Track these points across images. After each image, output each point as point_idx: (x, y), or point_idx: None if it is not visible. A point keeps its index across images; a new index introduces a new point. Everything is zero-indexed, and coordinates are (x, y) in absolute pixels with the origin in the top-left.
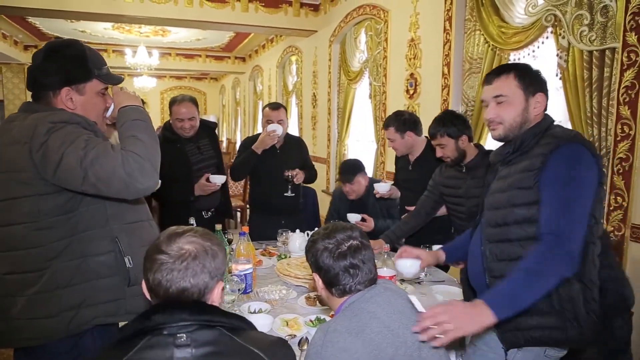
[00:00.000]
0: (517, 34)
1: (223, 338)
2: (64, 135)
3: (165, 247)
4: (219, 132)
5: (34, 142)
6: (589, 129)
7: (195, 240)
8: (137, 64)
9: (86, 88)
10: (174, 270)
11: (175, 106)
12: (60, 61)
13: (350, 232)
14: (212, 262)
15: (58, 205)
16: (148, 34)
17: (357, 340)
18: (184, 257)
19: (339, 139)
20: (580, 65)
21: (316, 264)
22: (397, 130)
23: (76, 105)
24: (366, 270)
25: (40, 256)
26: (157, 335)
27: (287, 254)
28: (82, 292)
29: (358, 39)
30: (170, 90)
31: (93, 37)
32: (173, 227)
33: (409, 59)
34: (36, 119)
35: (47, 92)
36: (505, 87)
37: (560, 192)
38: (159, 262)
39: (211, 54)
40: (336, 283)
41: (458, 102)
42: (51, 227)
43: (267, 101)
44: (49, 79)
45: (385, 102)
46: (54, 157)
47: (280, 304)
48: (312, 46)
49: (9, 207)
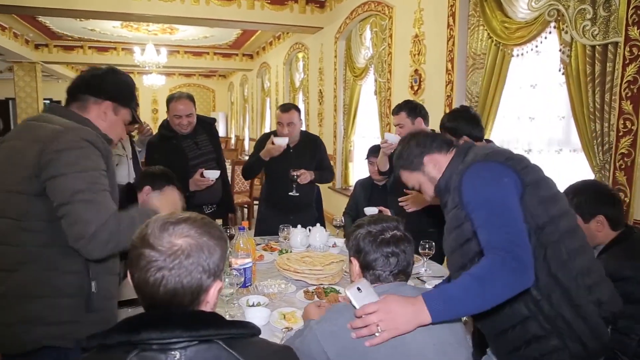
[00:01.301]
0: (520, 29)
1: (221, 355)
2: (79, 158)
3: (154, 241)
4: (227, 129)
5: (52, 146)
6: (591, 125)
7: (190, 233)
8: (145, 62)
9: (121, 112)
10: (164, 269)
11: (173, 103)
12: (118, 80)
13: (397, 224)
14: (209, 259)
15: (45, 209)
16: (156, 31)
17: (351, 329)
18: (176, 254)
19: (345, 135)
20: (583, 60)
21: (357, 247)
22: (409, 115)
23: (107, 120)
24: (403, 262)
25: (14, 256)
26: (146, 350)
27: (289, 249)
28: (42, 308)
29: (363, 36)
30: (179, 88)
31: (102, 36)
32: (167, 214)
33: (414, 55)
34: (69, 127)
35: (91, 98)
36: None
37: (483, 213)
38: (146, 259)
39: (219, 51)
40: (372, 267)
41: (462, 97)
42: (34, 230)
43: (275, 98)
44: (104, 87)
45: (390, 98)
46: (58, 169)
47: (278, 297)
48: (318, 43)
49: (7, 198)
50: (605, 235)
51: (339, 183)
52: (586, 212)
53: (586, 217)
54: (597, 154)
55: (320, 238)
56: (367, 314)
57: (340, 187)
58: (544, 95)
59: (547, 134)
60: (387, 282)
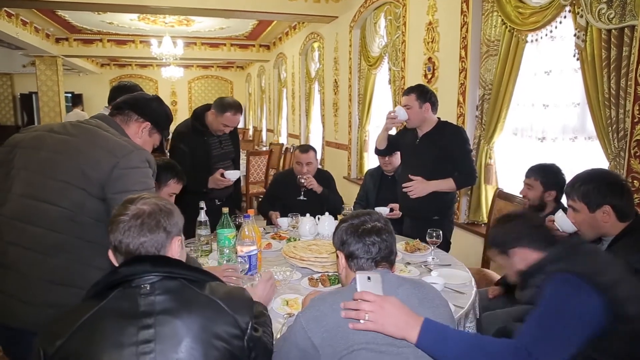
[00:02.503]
0: (534, 14)
1: (185, 288)
2: (142, 177)
3: (123, 210)
4: (245, 120)
5: (124, 163)
6: (606, 111)
7: (149, 201)
8: (162, 54)
9: (154, 136)
10: (132, 227)
11: (230, 114)
12: (160, 108)
13: (377, 216)
14: (167, 219)
15: (99, 210)
16: (173, 23)
17: (331, 313)
18: (139, 214)
19: (360, 125)
20: (598, 45)
21: (340, 239)
22: (418, 98)
23: (142, 139)
24: (385, 249)
25: (55, 241)
26: (126, 288)
27: (297, 238)
28: (70, 297)
29: (377, 24)
30: (197, 80)
31: (120, 29)
32: (129, 197)
33: (427, 43)
34: (134, 146)
35: (133, 114)
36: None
37: (546, 316)
38: (118, 222)
39: (235, 42)
40: (355, 256)
41: (475, 85)
42: (82, 223)
43: (291, 89)
44: (149, 109)
45: (404, 87)
46: (126, 186)
47: (283, 284)
48: (333, 32)
49: (62, 189)
50: (612, 227)
51: (354, 173)
52: (592, 201)
53: (592, 207)
54: (612, 141)
55: (329, 226)
56: (363, 300)
57: (356, 177)
58: (559, 81)
59: (562, 122)
60: (370, 269)
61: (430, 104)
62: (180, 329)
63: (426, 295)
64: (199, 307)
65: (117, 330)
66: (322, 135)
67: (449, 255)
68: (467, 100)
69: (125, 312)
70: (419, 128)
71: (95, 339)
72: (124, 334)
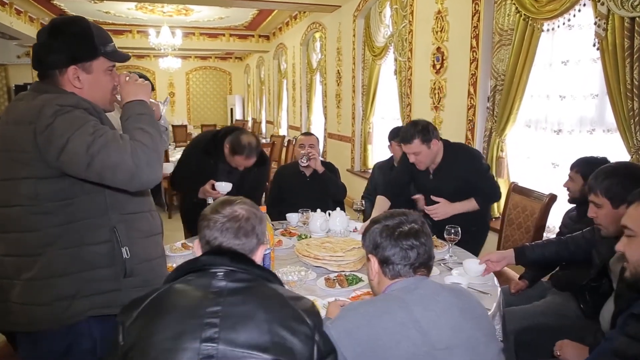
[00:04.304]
0: (551, 2)
1: (256, 281)
2: (72, 119)
3: (220, 209)
4: (244, 112)
5: (40, 124)
6: (628, 103)
7: (245, 207)
8: (160, 44)
9: (93, 66)
10: (230, 229)
11: (241, 158)
12: (65, 39)
13: (414, 217)
14: (260, 226)
15: (58, 190)
16: (171, 13)
17: (366, 325)
18: (237, 218)
19: (364, 116)
20: (620, 34)
21: (374, 242)
22: (424, 142)
23: (83, 84)
24: (424, 255)
25: (35, 241)
26: (203, 275)
27: (308, 234)
28: (77, 283)
29: (383, 13)
30: (195, 71)
31: (117, 18)
32: (225, 197)
33: (436, 32)
34: (44, 99)
35: (53, 71)
36: None
37: None
38: (215, 220)
39: (235, 32)
40: (391, 262)
41: (487, 76)
42: (49, 212)
43: (292, 80)
44: (55, 57)
45: (411, 77)
46: (59, 140)
47: (298, 285)
48: (335, 22)
49: (8, 187)
50: None
51: (357, 165)
52: (617, 197)
53: (616, 203)
54: (635, 134)
55: (340, 222)
56: None
57: (359, 170)
58: (576, 72)
59: (579, 113)
60: (407, 276)
61: (435, 137)
62: (246, 312)
63: (467, 305)
64: (267, 298)
65: (187, 303)
66: (324, 127)
67: (467, 253)
68: (479, 91)
69: (197, 289)
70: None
71: (167, 308)
72: (193, 306)
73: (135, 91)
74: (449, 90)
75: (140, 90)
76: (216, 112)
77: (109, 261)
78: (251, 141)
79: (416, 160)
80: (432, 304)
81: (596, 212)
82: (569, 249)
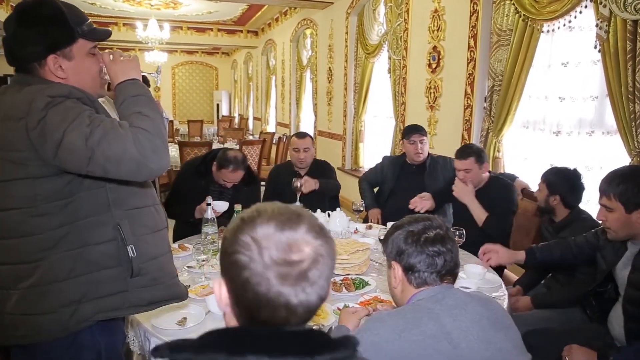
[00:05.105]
0: (552, 3)
1: None
2: (65, 111)
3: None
4: (230, 108)
5: (31, 119)
6: (630, 105)
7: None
8: (148, 38)
9: (73, 51)
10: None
11: (228, 171)
12: (37, 26)
13: (438, 222)
14: (331, 270)
15: (56, 189)
16: (159, 6)
17: (397, 339)
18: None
19: (356, 115)
20: (622, 36)
21: (397, 249)
22: (477, 161)
23: (67, 72)
24: (451, 262)
25: (36, 245)
26: None
27: None
28: (83, 285)
29: (377, 11)
30: (181, 65)
31: (103, 10)
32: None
33: (432, 31)
34: (32, 92)
35: (31, 64)
36: None
37: None
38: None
39: (223, 27)
40: (417, 269)
41: (484, 76)
42: (49, 213)
43: (281, 76)
44: (29, 49)
45: (405, 76)
46: (54, 135)
47: None
48: (327, 19)
49: (1, 190)
50: None
51: (348, 164)
52: (632, 202)
53: (630, 207)
54: (635, 137)
55: (340, 223)
56: None
57: (350, 168)
58: (576, 74)
59: (578, 115)
60: (434, 284)
61: (487, 162)
62: None
63: (496, 316)
64: None
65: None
66: (314, 125)
67: (471, 255)
68: (476, 91)
69: None
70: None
71: None
72: None
73: (124, 70)
74: (445, 89)
75: (129, 68)
76: (202, 107)
77: (115, 261)
78: (237, 155)
79: (465, 177)
80: (462, 315)
81: (606, 216)
82: (572, 251)
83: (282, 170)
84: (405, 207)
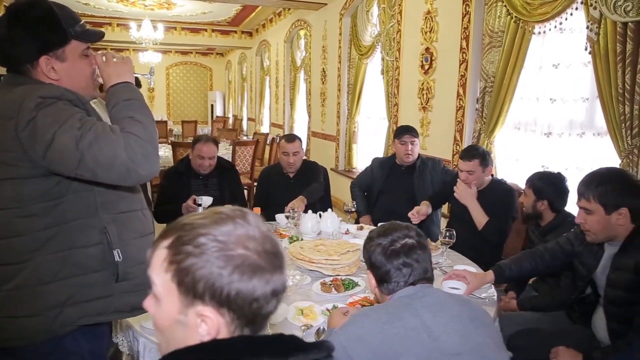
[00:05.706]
0: (543, 5)
1: None
2: (56, 113)
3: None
4: (225, 108)
5: (21, 118)
6: (620, 107)
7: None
8: (142, 38)
9: (66, 52)
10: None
11: (199, 145)
12: (28, 27)
13: (407, 231)
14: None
15: (44, 190)
16: (153, 6)
17: (379, 332)
18: None
19: (349, 115)
20: (612, 38)
21: (369, 261)
22: (481, 164)
23: (60, 74)
24: (420, 270)
25: (23, 247)
26: None
27: (299, 236)
28: (68, 288)
29: (370, 12)
30: (175, 66)
31: (97, 10)
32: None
33: (425, 33)
34: (23, 91)
35: (24, 66)
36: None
37: None
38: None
39: (217, 28)
40: (387, 280)
41: (477, 77)
42: (36, 214)
43: (275, 77)
44: (21, 50)
45: (398, 77)
46: (44, 136)
47: (294, 290)
48: (321, 20)
49: None
50: (625, 230)
51: (341, 165)
52: (610, 203)
53: (609, 209)
54: (625, 138)
55: (332, 224)
56: None
57: (344, 169)
58: (567, 75)
59: (569, 117)
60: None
61: (490, 166)
62: None
63: (476, 314)
64: None
65: None
66: (307, 126)
67: (461, 256)
68: (468, 92)
69: None
70: None
71: None
72: None
73: (117, 72)
74: (437, 91)
75: (123, 70)
76: (196, 108)
77: (101, 265)
78: (207, 134)
79: (467, 178)
80: (441, 311)
81: (585, 219)
82: (544, 260)
83: (272, 172)
84: (394, 208)
